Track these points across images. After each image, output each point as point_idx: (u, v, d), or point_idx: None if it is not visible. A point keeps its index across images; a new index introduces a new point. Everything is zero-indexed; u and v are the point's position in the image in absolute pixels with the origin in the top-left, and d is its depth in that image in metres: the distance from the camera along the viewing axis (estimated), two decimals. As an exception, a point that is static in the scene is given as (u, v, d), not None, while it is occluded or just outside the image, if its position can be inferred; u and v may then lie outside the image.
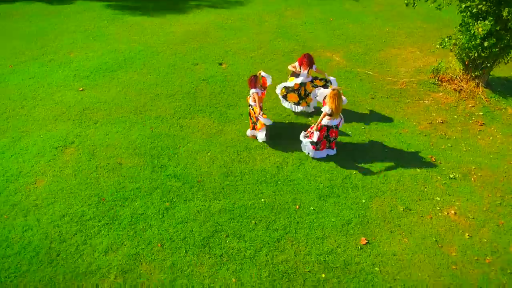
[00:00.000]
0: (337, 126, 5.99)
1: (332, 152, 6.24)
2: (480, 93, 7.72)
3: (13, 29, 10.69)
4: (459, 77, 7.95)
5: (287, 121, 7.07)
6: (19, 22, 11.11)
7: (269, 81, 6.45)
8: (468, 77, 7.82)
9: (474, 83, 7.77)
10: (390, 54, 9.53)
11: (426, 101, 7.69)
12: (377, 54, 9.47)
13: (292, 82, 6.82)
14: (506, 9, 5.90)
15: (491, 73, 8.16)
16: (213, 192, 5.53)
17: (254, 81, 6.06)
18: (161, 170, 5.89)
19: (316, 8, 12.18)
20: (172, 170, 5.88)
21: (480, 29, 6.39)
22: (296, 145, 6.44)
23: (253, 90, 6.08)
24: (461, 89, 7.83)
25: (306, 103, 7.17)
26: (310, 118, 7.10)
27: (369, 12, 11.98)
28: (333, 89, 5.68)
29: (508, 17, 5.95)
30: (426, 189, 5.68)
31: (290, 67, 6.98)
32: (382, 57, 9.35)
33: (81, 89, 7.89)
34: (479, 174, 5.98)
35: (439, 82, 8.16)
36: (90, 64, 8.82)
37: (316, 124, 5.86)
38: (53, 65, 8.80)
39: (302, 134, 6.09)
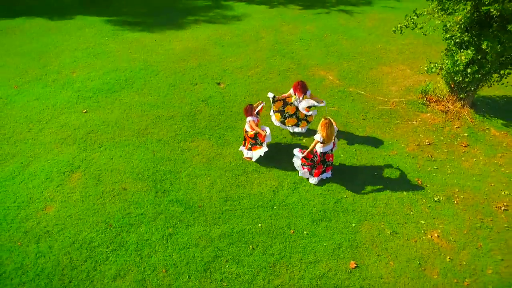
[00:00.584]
0: (331, 150, 6.36)
1: (328, 175, 6.62)
2: (465, 113, 8.12)
3: (16, 46, 10.94)
4: (446, 98, 8.34)
5: (283, 143, 7.44)
6: (21, 39, 11.36)
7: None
8: (454, 98, 8.22)
9: (460, 104, 8.17)
10: (381, 72, 9.91)
11: (415, 122, 8.08)
12: (369, 73, 9.84)
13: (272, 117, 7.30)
14: (485, 42, 6.28)
15: (477, 93, 8.56)
16: (213, 217, 5.90)
17: (250, 110, 6.42)
18: (164, 195, 6.25)
19: (311, 23, 12.52)
20: (174, 195, 6.24)
21: (463, 57, 6.77)
22: (291, 168, 6.81)
23: (249, 118, 6.45)
24: (447, 110, 8.23)
25: (307, 122, 7.53)
26: (304, 140, 7.48)
27: (363, 27, 12.33)
28: (325, 118, 6.05)
29: (487, 50, 6.34)
30: (412, 213, 6.08)
31: (281, 95, 7.33)
32: (374, 76, 9.73)
33: (84, 111, 8.20)
34: (462, 196, 6.39)
35: (427, 102, 8.55)
36: (92, 84, 9.12)
37: (308, 151, 6.22)
38: (56, 86, 9.10)
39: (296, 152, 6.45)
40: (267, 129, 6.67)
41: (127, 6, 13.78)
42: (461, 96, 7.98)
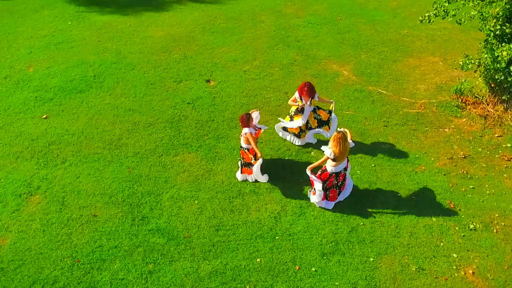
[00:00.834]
0: (345, 169, 6.56)
1: (346, 193, 6.83)
2: (509, 119, 8.34)
3: (-42, 33, 11.14)
4: (486, 100, 8.57)
5: (286, 157, 7.65)
6: (-36, 23, 11.56)
7: (263, 128, 7.00)
8: (496, 100, 8.45)
9: (503, 107, 8.40)
10: (408, 65, 10.13)
11: (447, 130, 8.30)
12: (393, 66, 10.06)
13: (292, 123, 7.44)
14: (532, 37, 6.52)
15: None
16: (202, 251, 6.10)
17: (247, 119, 6.59)
18: (142, 223, 6.45)
19: (321, 3, 12.73)
20: (154, 223, 6.44)
21: (504, 53, 7.00)
22: (296, 188, 7.03)
23: (246, 130, 6.61)
24: (487, 114, 8.45)
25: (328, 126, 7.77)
26: (312, 154, 7.68)
27: (385, 8, 12.56)
28: (338, 132, 6.25)
29: (534, 46, 6.57)
30: (442, 244, 6.30)
31: (290, 102, 7.53)
32: (398, 70, 9.94)
33: (44, 116, 8.40)
34: (503, 223, 6.61)
35: (463, 104, 8.78)
36: (53, 82, 9.31)
37: (319, 172, 6.42)
38: (9, 84, 9.29)
39: (310, 194, 6.72)
40: (265, 177, 6.98)
41: (95, -19, 13.99)
42: (504, 98, 8.20)
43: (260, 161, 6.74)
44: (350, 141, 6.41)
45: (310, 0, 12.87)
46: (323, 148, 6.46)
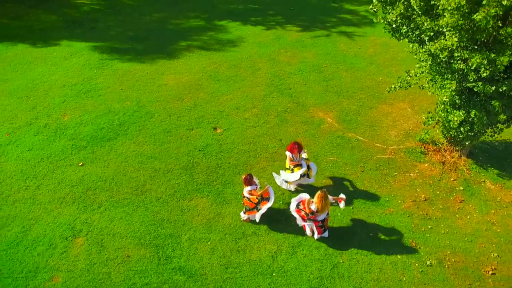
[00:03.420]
0: (323, 221, 7.44)
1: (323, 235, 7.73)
2: (462, 164, 9.24)
3: (0, 81, 11.77)
4: (444, 148, 9.45)
5: (281, 201, 8.50)
6: (5, 72, 12.11)
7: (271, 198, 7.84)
8: (452, 148, 9.33)
9: (457, 154, 9.29)
10: (381, 112, 10.97)
11: (412, 174, 9.18)
12: (369, 113, 10.89)
13: (294, 175, 8.24)
14: (473, 111, 7.37)
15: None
16: (215, 287, 6.97)
17: (250, 180, 7.46)
18: (167, 262, 7.30)
19: (310, 50, 13.48)
20: (176, 263, 7.29)
21: (455, 118, 7.86)
22: (289, 229, 7.89)
23: (248, 188, 7.49)
24: (445, 160, 9.34)
25: (308, 176, 8.57)
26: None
27: (364, 54, 13.33)
28: (321, 191, 7.13)
29: (475, 119, 7.43)
30: (404, 278, 7.21)
31: (289, 163, 8.28)
32: (373, 117, 10.78)
33: (80, 164, 9.16)
34: (453, 259, 7.53)
35: (426, 151, 9.65)
36: (86, 130, 10.05)
37: (303, 207, 7.31)
38: (49, 132, 10.01)
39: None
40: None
41: (113, 28, 14.60)
42: (457, 148, 9.08)
43: (270, 203, 7.65)
44: (330, 198, 7.27)
45: (301, 47, 13.64)
46: (310, 206, 7.27)
